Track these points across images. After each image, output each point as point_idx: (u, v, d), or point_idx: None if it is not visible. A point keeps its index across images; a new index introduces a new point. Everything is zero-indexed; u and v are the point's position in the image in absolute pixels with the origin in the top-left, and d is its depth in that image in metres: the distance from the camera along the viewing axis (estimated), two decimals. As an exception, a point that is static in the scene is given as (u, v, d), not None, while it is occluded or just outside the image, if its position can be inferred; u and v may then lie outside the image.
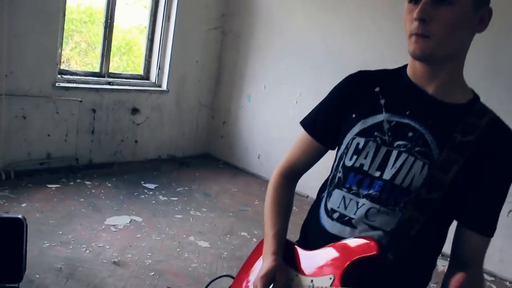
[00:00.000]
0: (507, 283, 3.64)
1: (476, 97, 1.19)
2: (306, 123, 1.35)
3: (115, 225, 3.55)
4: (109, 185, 4.33)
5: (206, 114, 5.75)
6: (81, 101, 4.49)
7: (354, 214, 1.16)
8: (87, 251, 3.10)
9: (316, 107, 1.36)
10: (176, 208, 4.05)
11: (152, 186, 4.48)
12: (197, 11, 5.27)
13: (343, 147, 1.24)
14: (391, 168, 1.15)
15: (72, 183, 4.24)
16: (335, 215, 1.20)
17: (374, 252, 1.07)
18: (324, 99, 1.34)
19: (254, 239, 3.61)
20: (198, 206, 4.18)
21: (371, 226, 1.14)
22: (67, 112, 4.45)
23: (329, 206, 1.23)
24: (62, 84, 4.38)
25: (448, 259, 1.20)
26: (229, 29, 5.54)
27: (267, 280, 1.16)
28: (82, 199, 3.91)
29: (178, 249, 3.34)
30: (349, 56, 4.48)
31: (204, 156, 5.77)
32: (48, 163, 4.42)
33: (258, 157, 5.32)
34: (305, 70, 4.85)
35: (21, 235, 2.41)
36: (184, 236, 3.56)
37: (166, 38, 5.14)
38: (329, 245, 1.17)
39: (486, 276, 3.69)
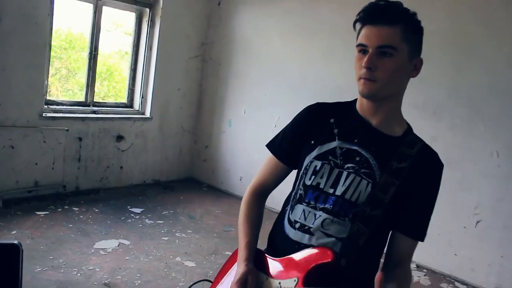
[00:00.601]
0: (478, 291, 3.86)
1: (409, 129, 1.44)
2: (272, 147, 1.58)
3: (104, 248, 3.68)
4: (96, 210, 4.47)
5: (188, 139, 5.94)
6: (67, 130, 4.64)
7: (312, 224, 1.39)
8: (78, 274, 3.23)
9: (280, 132, 1.58)
10: (162, 231, 4.20)
11: (138, 210, 4.62)
12: (178, 40, 5.51)
13: (303, 168, 1.47)
14: (342, 185, 1.38)
15: (60, 209, 4.36)
16: (297, 225, 1.42)
17: (330, 259, 1.30)
18: (287, 126, 1.57)
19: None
20: (184, 228, 4.34)
21: (326, 234, 1.37)
22: (54, 141, 4.59)
23: (291, 218, 1.45)
24: (48, 114, 4.54)
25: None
26: (209, 57, 5.78)
27: (241, 283, 1.37)
28: (70, 225, 4.03)
29: (165, 270, 3.49)
30: (323, 81, 4.74)
31: (188, 179, 5.93)
32: (36, 191, 4.54)
33: (240, 179, 5.50)
34: (283, 94, 5.09)
35: (17, 260, 2.53)
36: (171, 257, 3.71)
37: (149, 67, 5.34)
38: (293, 254, 1.38)
39: (458, 285, 3.91)
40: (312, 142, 1.46)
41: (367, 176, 1.36)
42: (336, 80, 4.57)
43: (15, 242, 2.62)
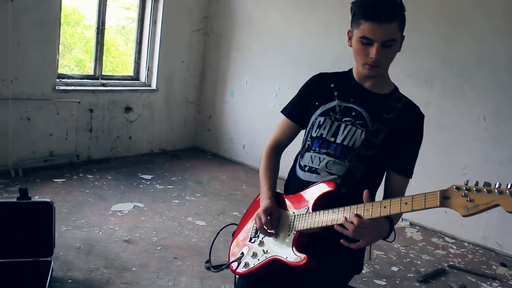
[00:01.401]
0: (466, 244, 4.19)
1: (396, 89, 1.74)
2: (286, 111, 1.91)
3: (120, 210, 3.98)
4: (109, 177, 4.75)
5: (193, 109, 6.20)
6: (79, 102, 4.89)
7: (318, 165, 1.71)
8: (100, 233, 3.54)
9: (291, 99, 1.91)
10: (172, 195, 4.50)
11: (148, 177, 4.92)
12: (181, 14, 5.70)
13: (310, 124, 1.78)
14: (341, 135, 1.69)
15: (75, 177, 4.65)
16: (306, 168, 1.74)
17: (333, 188, 1.61)
18: (297, 93, 1.90)
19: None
20: (192, 192, 4.64)
21: (329, 172, 1.68)
22: (67, 113, 4.85)
23: (302, 163, 1.77)
24: (61, 87, 4.78)
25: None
26: (211, 31, 5.99)
27: (267, 213, 1.68)
28: (87, 190, 4.32)
29: (179, 228, 3.80)
30: (321, 52, 4.97)
31: (193, 148, 6.22)
32: (51, 160, 4.81)
33: (243, 147, 5.79)
34: (283, 66, 5.33)
35: (50, 216, 2.84)
36: (183, 217, 4.02)
37: (154, 41, 5.56)
38: (303, 189, 1.70)
39: (448, 239, 4.24)
40: (316, 103, 1.78)
41: (361, 126, 1.67)
42: (333, 51, 4.80)
43: (48, 200, 2.92)
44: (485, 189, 1.27)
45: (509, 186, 1.25)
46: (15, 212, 2.77)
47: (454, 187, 1.33)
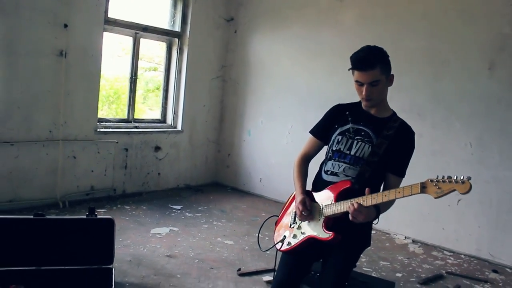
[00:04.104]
0: (462, 256, 4.74)
1: (394, 113, 2.39)
2: (313, 132, 2.58)
3: (159, 233, 4.59)
4: (144, 208, 5.38)
5: (213, 148, 6.89)
6: (117, 142, 5.58)
7: (338, 170, 2.36)
8: (145, 250, 4.13)
9: (317, 123, 2.57)
10: (201, 221, 5.11)
11: (178, 207, 5.54)
12: (202, 64, 6.49)
13: (331, 141, 2.44)
14: (354, 148, 2.34)
15: (114, 208, 5.28)
16: (329, 172, 2.39)
17: (349, 185, 2.26)
18: (321, 118, 2.56)
19: (267, 238, 4.64)
20: (218, 219, 5.25)
21: (346, 175, 2.33)
22: (106, 152, 5.53)
23: (325, 169, 2.42)
24: (101, 130, 5.49)
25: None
26: (229, 77, 6.76)
27: (303, 204, 2.32)
28: (127, 218, 4.94)
29: (211, 246, 4.39)
30: (327, 93, 5.68)
31: (214, 184, 6.87)
32: (92, 194, 5.46)
33: (260, 181, 6.42)
34: (294, 106, 6.04)
35: (112, 230, 3.45)
36: (213, 238, 4.62)
37: (179, 88, 6.31)
38: (327, 187, 2.34)
39: (446, 252, 4.79)
40: (336, 126, 2.44)
41: (368, 142, 2.32)
42: (338, 92, 5.48)
43: (110, 217, 3.57)
44: (447, 180, 1.92)
45: (461, 178, 1.90)
46: (84, 226, 3.39)
47: (429, 180, 1.97)
